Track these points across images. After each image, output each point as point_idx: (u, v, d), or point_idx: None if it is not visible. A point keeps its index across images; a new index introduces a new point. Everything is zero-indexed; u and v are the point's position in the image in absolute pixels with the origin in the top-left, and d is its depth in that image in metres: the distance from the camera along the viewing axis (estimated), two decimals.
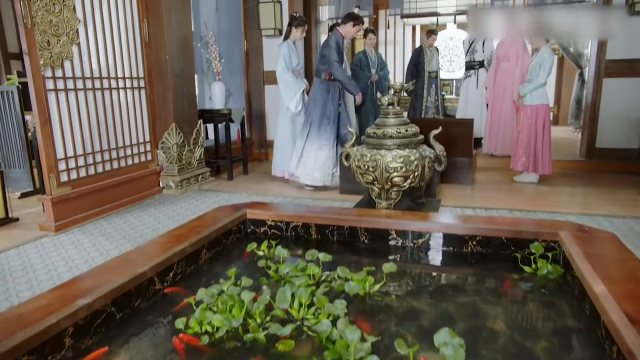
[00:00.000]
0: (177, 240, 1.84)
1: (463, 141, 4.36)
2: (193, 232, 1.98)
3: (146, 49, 4.21)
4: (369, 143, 3.05)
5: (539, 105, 4.32)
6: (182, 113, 4.45)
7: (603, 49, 4.82)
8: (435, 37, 6.25)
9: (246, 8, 5.86)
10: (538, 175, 4.52)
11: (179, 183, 4.39)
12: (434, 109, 6.25)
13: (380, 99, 3.08)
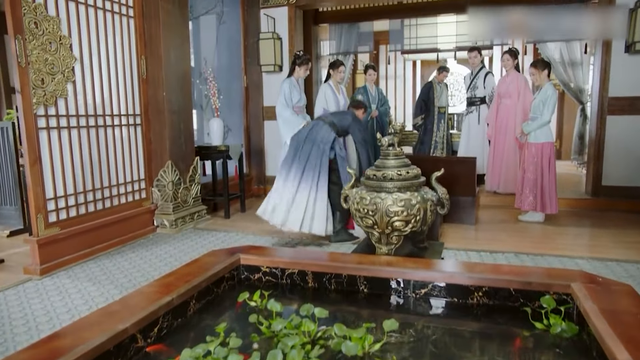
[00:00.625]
0: (165, 289, 1.71)
1: (466, 180, 4.25)
2: (182, 280, 1.86)
3: (143, 86, 4.17)
4: (369, 185, 2.93)
5: (544, 143, 4.23)
6: (179, 150, 4.37)
7: (605, 86, 4.77)
8: (446, 74, 6.27)
9: (246, 44, 5.88)
10: (544, 215, 4.38)
11: (174, 222, 4.26)
12: (442, 144, 6.18)
13: (380, 139, 2.99)
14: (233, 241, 4.02)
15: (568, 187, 5.71)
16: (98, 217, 3.67)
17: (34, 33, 3.13)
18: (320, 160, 3.68)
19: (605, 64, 4.73)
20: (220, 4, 5.64)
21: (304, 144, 3.73)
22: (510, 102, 5.24)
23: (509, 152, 5.24)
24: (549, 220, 4.39)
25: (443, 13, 6.98)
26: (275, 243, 3.92)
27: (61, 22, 3.34)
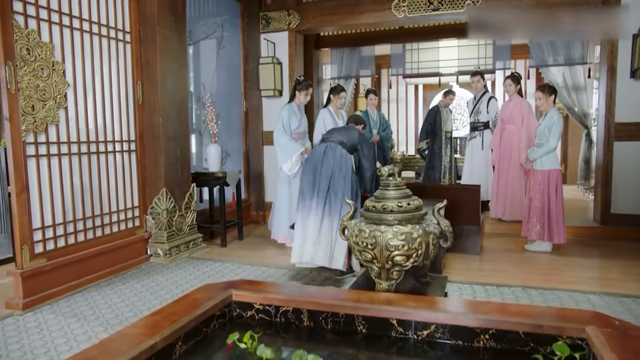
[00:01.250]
0: (149, 331, 1.59)
1: (470, 208, 4.11)
2: (169, 320, 1.74)
3: (139, 112, 4.09)
4: (368, 217, 2.79)
5: (551, 170, 4.10)
6: (174, 177, 4.26)
7: (611, 112, 4.66)
8: (453, 97, 6.17)
9: (246, 69, 5.84)
10: (551, 244, 4.22)
11: (168, 251, 4.12)
12: (449, 169, 6.06)
13: (380, 169, 2.87)
14: (228, 271, 3.87)
15: (575, 214, 5.55)
16: (88, 247, 3.54)
17: (26, 59, 3.06)
18: (343, 186, 3.50)
19: (610, 89, 4.63)
20: (220, 29, 5.62)
21: (322, 170, 3.54)
22: (514, 127, 5.14)
23: (513, 178, 5.11)
24: (556, 250, 4.23)
25: (444, 37, 6.96)
26: (272, 275, 3.77)
27: (55, 48, 3.27)
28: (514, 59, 8.58)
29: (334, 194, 3.45)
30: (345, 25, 5.63)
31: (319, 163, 3.52)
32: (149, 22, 4.02)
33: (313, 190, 3.50)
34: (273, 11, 5.72)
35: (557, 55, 6.24)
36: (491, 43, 7.03)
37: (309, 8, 5.62)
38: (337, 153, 3.52)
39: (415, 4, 5.18)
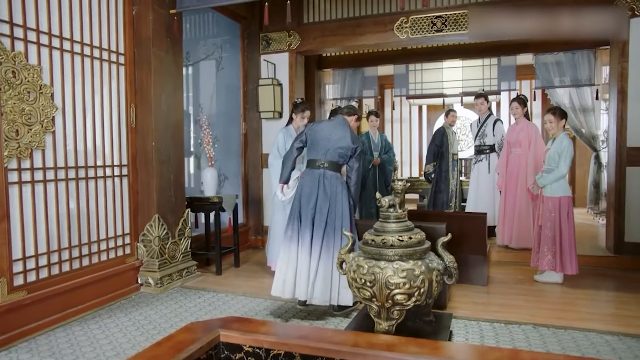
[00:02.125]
0: None
1: (476, 237, 3.91)
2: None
3: (132, 135, 3.96)
4: (367, 252, 2.61)
5: (562, 197, 3.91)
6: (168, 203, 4.10)
7: (622, 136, 4.48)
8: (454, 114, 6.00)
9: (246, 90, 5.73)
10: (563, 275, 4.00)
11: (159, 280, 3.94)
12: (456, 192, 5.86)
13: (380, 200, 2.69)
14: (221, 303, 3.68)
15: (586, 241, 5.32)
16: (74, 278, 3.36)
17: (11, 82, 2.94)
18: (341, 219, 3.30)
19: (621, 113, 4.46)
20: (219, 50, 5.53)
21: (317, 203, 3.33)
22: (521, 151, 4.97)
23: (521, 203, 4.91)
24: (568, 281, 4.01)
25: (448, 58, 6.86)
26: (267, 307, 3.57)
27: (42, 71, 3.16)
28: (519, 80, 8.45)
29: (332, 228, 3.27)
30: (346, 46, 5.53)
31: (314, 194, 3.33)
32: (143, 44, 3.92)
33: (306, 223, 3.31)
34: (273, 32, 5.63)
35: (564, 76, 6.10)
36: (496, 64, 6.91)
37: (309, 29, 5.53)
38: (333, 183, 3.33)
39: (418, 25, 5.07)
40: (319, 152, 3.38)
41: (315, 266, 3.25)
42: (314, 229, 3.29)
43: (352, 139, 3.42)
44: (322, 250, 3.24)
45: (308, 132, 3.48)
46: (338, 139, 3.38)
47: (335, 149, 3.37)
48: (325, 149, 3.37)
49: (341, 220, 3.26)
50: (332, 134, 3.40)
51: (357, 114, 3.63)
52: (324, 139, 3.40)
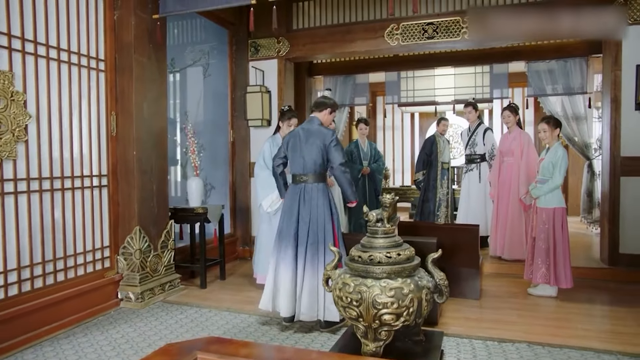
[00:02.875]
0: None
1: (468, 249, 3.80)
2: None
3: (112, 144, 3.82)
4: (353, 269, 2.48)
5: (556, 208, 3.82)
6: (150, 214, 3.95)
7: (616, 145, 4.40)
8: (446, 123, 5.91)
9: (234, 97, 5.61)
10: (557, 289, 3.90)
11: (140, 295, 3.78)
12: (445, 201, 5.76)
13: (367, 214, 2.57)
14: (204, 319, 3.52)
15: (580, 251, 5.23)
16: (47, 294, 3.20)
17: None
18: (324, 233, 3.16)
19: (615, 122, 4.39)
20: (206, 57, 5.41)
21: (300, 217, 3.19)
22: (513, 160, 4.89)
23: (513, 214, 4.82)
24: (562, 294, 3.90)
25: (440, 66, 6.78)
26: (251, 324, 3.42)
27: (15, 77, 3.01)
28: (512, 88, 8.39)
29: (315, 241, 3.13)
30: (336, 53, 5.43)
31: (295, 208, 3.21)
32: (125, 50, 3.79)
33: (289, 238, 3.18)
34: (262, 38, 5.52)
35: (556, 84, 6.04)
36: (488, 72, 6.84)
37: (299, 35, 5.43)
38: (314, 195, 3.20)
39: (409, 32, 4.98)
40: (297, 166, 3.27)
41: (301, 282, 3.12)
42: (297, 244, 3.17)
43: (323, 137, 3.17)
44: (307, 265, 3.11)
45: (283, 147, 3.36)
46: (310, 148, 3.20)
47: (310, 160, 3.21)
48: (302, 162, 3.24)
49: (324, 233, 3.13)
50: (303, 144, 3.23)
51: (328, 106, 3.33)
52: (298, 151, 3.25)
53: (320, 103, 3.34)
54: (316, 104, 3.35)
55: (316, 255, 3.11)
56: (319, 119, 3.30)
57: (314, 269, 3.09)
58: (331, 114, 3.36)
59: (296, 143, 3.26)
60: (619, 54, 4.34)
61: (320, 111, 3.32)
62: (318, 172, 3.22)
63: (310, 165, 3.20)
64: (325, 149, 3.19)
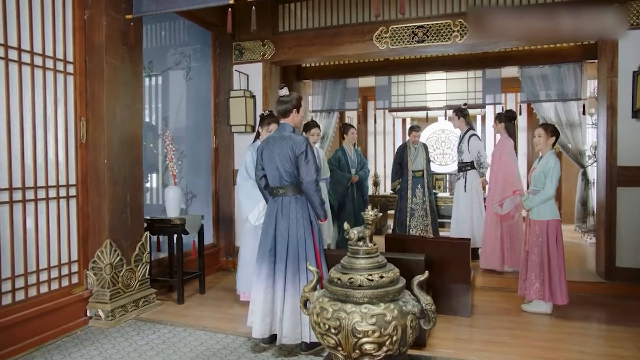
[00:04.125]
0: None
1: (459, 264, 3.60)
2: None
3: (82, 152, 3.58)
4: (332, 292, 2.27)
5: (549, 221, 3.64)
6: (122, 226, 3.72)
7: (613, 154, 4.24)
8: (417, 134, 5.78)
9: (217, 102, 5.39)
10: (552, 305, 3.71)
11: (111, 312, 3.54)
12: (422, 211, 5.58)
13: (348, 231, 2.36)
14: (177, 340, 3.29)
15: (575, 263, 5.06)
16: (4, 315, 2.95)
17: None
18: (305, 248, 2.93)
19: (611, 130, 4.22)
20: (188, 59, 5.19)
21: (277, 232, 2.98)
22: (492, 168, 4.81)
23: (489, 223, 4.67)
24: (557, 311, 3.71)
25: (432, 70, 6.61)
26: (227, 345, 3.20)
27: None
28: (505, 93, 8.24)
29: (295, 258, 2.92)
30: (323, 56, 5.23)
31: (272, 224, 3.00)
32: (95, 52, 3.57)
33: (265, 256, 2.97)
34: (246, 41, 5.32)
35: (550, 89, 5.89)
36: (481, 76, 6.68)
37: (285, 38, 5.23)
38: (291, 208, 2.97)
39: (398, 35, 4.80)
40: (273, 178, 3.05)
41: (282, 302, 2.90)
42: (276, 261, 2.95)
43: (293, 147, 2.90)
44: (288, 284, 2.89)
45: (259, 158, 3.13)
46: (283, 158, 2.96)
47: (285, 172, 2.97)
48: (277, 174, 3.01)
49: (304, 249, 2.91)
50: (276, 155, 2.99)
51: (293, 107, 3.02)
52: (271, 162, 3.02)
53: (283, 110, 3.04)
54: (279, 112, 3.07)
55: (297, 273, 2.90)
56: (290, 125, 3.06)
57: (296, 288, 2.88)
58: (298, 112, 3.07)
59: (270, 153, 3.04)
60: (615, 60, 4.18)
61: (288, 116, 3.06)
62: (295, 183, 3.00)
63: (286, 177, 2.98)
64: (296, 160, 2.94)
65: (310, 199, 2.96)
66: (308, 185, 2.91)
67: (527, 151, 8.93)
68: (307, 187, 2.92)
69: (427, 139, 8.97)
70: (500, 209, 4.47)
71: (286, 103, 3.06)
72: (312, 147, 2.99)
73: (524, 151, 9.12)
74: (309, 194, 2.94)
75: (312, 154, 2.92)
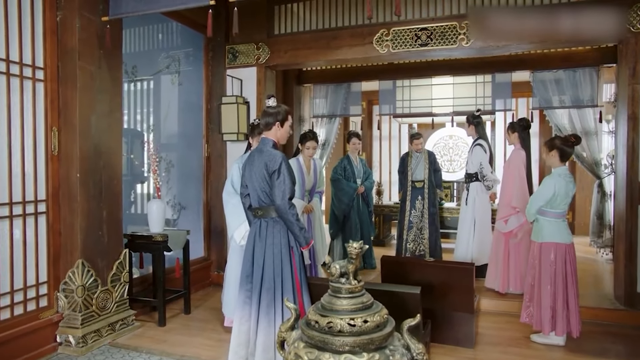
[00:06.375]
0: None
1: (462, 291, 3.27)
2: None
3: (53, 165, 3.32)
4: (309, 337, 1.96)
5: (558, 244, 3.29)
6: (97, 244, 3.45)
7: (634, 169, 3.87)
8: (419, 142, 5.42)
9: (209, 108, 5.12)
10: (565, 336, 3.36)
11: (82, 338, 3.27)
12: (419, 223, 5.22)
13: (329, 265, 2.05)
14: None
15: (590, 285, 4.68)
16: None
17: None
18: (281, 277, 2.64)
19: (633, 142, 3.85)
20: (176, 64, 4.91)
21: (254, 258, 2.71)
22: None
23: (516, 244, 4.29)
24: (570, 342, 3.36)
25: (439, 74, 6.28)
26: None
27: None
28: (516, 98, 7.86)
29: (270, 287, 2.62)
30: (320, 60, 4.94)
31: (250, 248, 2.71)
32: (68, 56, 3.31)
33: (242, 283, 2.69)
34: (240, 44, 5.03)
35: (563, 95, 5.52)
36: (490, 81, 6.32)
37: (280, 41, 4.93)
38: (269, 231, 2.68)
39: (400, 38, 4.48)
40: (253, 198, 2.76)
41: (254, 336, 2.62)
42: (252, 290, 2.66)
43: (267, 164, 2.62)
44: (261, 316, 2.61)
45: (243, 175, 2.85)
46: (258, 175, 2.68)
47: (260, 191, 2.69)
48: (255, 194, 2.72)
49: (281, 278, 2.61)
50: (253, 172, 2.72)
51: (277, 120, 2.72)
52: (251, 180, 2.74)
53: (265, 123, 2.74)
54: (262, 124, 2.77)
55: (272, 304, 2.60)
56: (271, 140, 2.75)
57: (270, 322, 2.58)
58: (283, 126, 2.76)
59: (250, 171, 2.75)
60: (638, 65, 3.81)
61: (270, 129, 2.75)
62: (272, 204, 2.70)
63: (263, 197, 2.68)
64: (269, 179, 2.64)
65: (286, 224, 2.65)
66: (280, 208, 2.61)
67: (539, 158, 8.53)
68: (279, 210, 2.62)
69: (435, 146, 8.62)
70: (504, 226, 4.15)
71: (270, 115, 2.76)
72: (288, 164, 2.68)
73: (536, 158, 8.74)
74: (283, 217, 2.63)
75: (287, 172, 2.62)
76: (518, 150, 4.42)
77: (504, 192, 4.32)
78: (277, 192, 2.59)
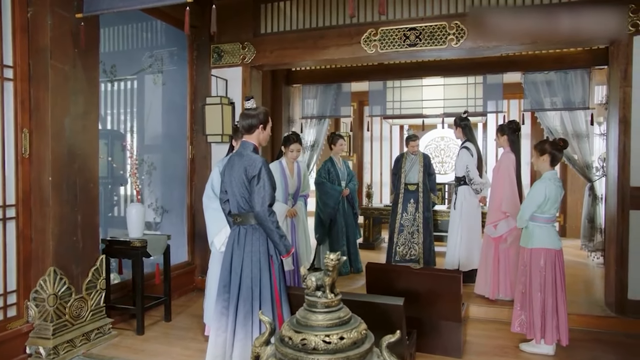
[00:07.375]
0: None
1: (449, 299, 3.16)
2: None
3: (24, 168, 3.18)
4: (283, 354, 1.85)
5: (547, 250, 3.20)
6: (71, 250, 3.31)
7: (625, 174, 3.79)
8: (415, 144, 5.30)
9: (194, 108, 4.98)
10: (555, 345, 3.27)
11: (53, 349, 3.13)
12: (411, 227, 5.12)
13: (305, 277, 1.94)
14: None
15: (581, 292, 4.60)
16: None
17: None
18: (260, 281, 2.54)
19: (624, 146, 3.77)
20: (159, 63, 4.78)
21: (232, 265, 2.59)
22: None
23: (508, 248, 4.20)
24: (561, 351, 3.27)
25: (430, 75, 6.19)
26: None
27: None
28: (507, 99, 7.79)
29: (249, 298, 2.50)
30: (307, 61, 4.82)
31: (228, 256, 2.60)
32: (40, 55, 3.16)
33: (219, 292, 2.58)
34: (225, 43, 4.90)
35: (555, 97, 5.45)
36: (481, 82, 6.24)
37: (266, 40, 4.81)
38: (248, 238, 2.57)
39: (388, 38, 4.37)
40: (232, 203, 2.65)
41: (230, 348, 2.49)
42: (229, 300, 2.54)
43: (246, 169, 2.52)
44: (238, 327, 2.49)
45: (222, 180, 2.73)
46: (237, 180, 2.57)
47: (239, 196, 2.58)
48: (235, 200, 2.61)
49: (259, 288, 2.50)
50: (232, 177, 2.61)
51: (259, 122, 2.62)
52: (230, 185, 2.63)
53: (247, 126, 2.62)
54: (243, 127, 2.65)
55: (249, 316, 2.49)
56: (252, 144, 2.64)
57: (247, 334, 2.47)
58: (265, 129, 2.67)
59: (229, 176, 2.64)
60: (629, 67, 3.73)
61: (252, 132, 2.65)
62: (251, 210, 2.59)
63: (242, 203, 2.57)
64: (249, 184, 2.53)
65: (266, 231, 2.54)
66: (260, 215, 2.50)
67: (530, 161, 8.47)
68: (258, 216, 2.51)
69: (426, 147, 8.54)
70: (494, 230, 4.07)
71: (252, 117, 2.64)
72: (269, 170, 2.57)
73: (527, 161, 8.68)
74: (262, 225, 2.52)
75: (267, 178, 2.51)
76: (507, 153, 4.33)
77: (493, 196, 4.22)
78: (256, 198, 2.48)
